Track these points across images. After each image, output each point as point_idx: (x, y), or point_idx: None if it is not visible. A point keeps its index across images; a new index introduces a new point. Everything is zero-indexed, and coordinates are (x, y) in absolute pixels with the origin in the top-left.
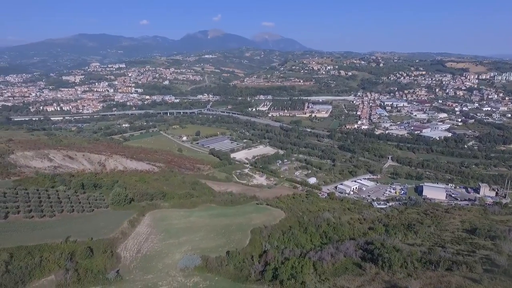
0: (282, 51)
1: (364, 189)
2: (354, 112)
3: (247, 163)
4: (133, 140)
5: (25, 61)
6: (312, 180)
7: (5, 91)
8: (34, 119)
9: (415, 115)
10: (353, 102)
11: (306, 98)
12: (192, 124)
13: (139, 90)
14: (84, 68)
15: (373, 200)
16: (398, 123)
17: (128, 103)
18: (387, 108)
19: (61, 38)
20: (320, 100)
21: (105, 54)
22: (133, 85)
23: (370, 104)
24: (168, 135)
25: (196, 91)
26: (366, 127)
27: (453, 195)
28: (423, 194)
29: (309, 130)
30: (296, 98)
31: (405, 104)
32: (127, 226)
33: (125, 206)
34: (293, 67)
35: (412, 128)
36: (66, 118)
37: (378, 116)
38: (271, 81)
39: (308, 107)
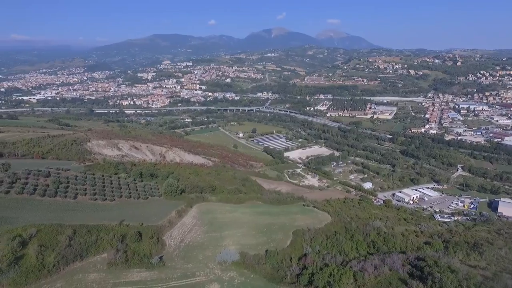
0: (347, 49)
1: (426, 199)
2: (422, 115)
3: (300, 163)
4: (194, 134)
5: (109, 59)
6: (368, 185)
7: (91, 86)
8: (111, 111)
9: (496, 121)
10: (421, 104)
11: (368, 98)
12: (249, 121)
13: (203, 87)
14: (156, 66)
15: (435, 212)
16: (474, 128)
17: (192, 99)
18: (461, 111)
19: (139, 39)
20: (384, 101)
21: (175, 52)
22: (198, 82)
23: (442, 106)
24: (226, 131)
25: (256, 89)
26: (435, 131)
27: None
28: (498, 210)
29: (369, 132)
30: (358, 98)
31: (485, 107)
32: (174, 215)
33: (176, 197)
34: (357, 66)
35: (491, 135)
36: (137, 111)
37: (450, 120)
38: (333, 80)
39: (370, 107)
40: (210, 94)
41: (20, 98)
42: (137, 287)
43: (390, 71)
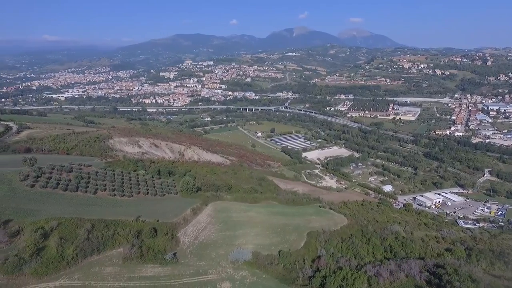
0: (370, 48)
1: (450, 204)
2: (448, 116)
3: (318, 164)
4: (213, 133)
5: (133, 59)
6: (388, 188)
7: (115, 85)
8: (134, 109)
9: None
10: (447, 105)
11: (391, 98)
12: (268, 120)
13: (223, 86)
14: (178, 65)
15: (458, 217)
16: (504, 131)
17: (212, 98)
18: (491, 113)
19: (162, 39)
20: (408, 102)
21: (197, 52)
22: (218, 81)
23: (469, 107)
24: (245, 130)
25: (276, 89)
26: (461, 134)
27: None
28: None
29: (390, 133)
30: (380, 98)
31: None
32: (189, 213)
33: (192, 195)
34: (380, 65)
35: None
36: (159, 110)
37: (478, 122)
38: (354, 79)
39: (392, 108)
40: (230, 93)
41: (50, 96)
42: (151, 282)
43: (415, 71)
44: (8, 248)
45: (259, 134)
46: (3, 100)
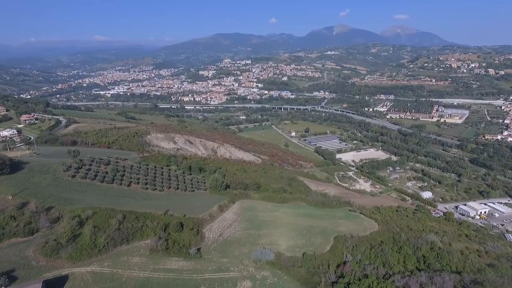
0: (415, 47)
1: (497, 215)
2: (500, 120)
3: (353, 166)
4: (247, 131)
5: (175, 57)
6: (427, 195)
7: (157, 83)
8: (173, 107)
9: None
10: (501, 107)
11: (436, 100)
12: (303, 120)
13: (260, 85)
14: (217, 64)
15: (507, 231)
16: None
17: (248, 97)
18: None
19: (202, 38)
20: (455, 103)
21: (236, 51)
22: (255, 80)
23: None
24: (278, 130)
25: (313, 88)
26: None
27: None
28: None
29: (433, 136)
30: (424, 99)
31: None
32: (216, 210)
33: (220, 192)
34: (425, 64)
35: None
36: (196, 107)
37: None
38: (396, 79)
39: (437, 110)
40: (266, 92)
41: (98, 92)
42: (174, 275)
43: (464, 70)
44: (49, 232)
45: (293, 134)
46: (58, 96)
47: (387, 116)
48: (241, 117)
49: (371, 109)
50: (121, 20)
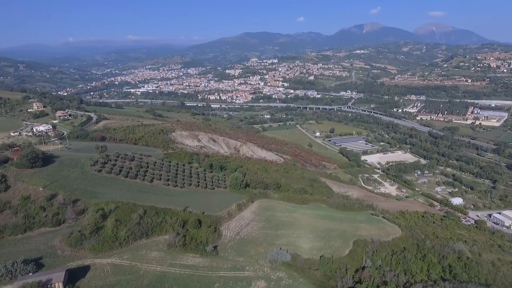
0: (451, 45)
1: None
2: None
3: (379, 168)
4: (270, 130)
5: (203, 56)
6: (457, 201)
7: (184, 81)
8: (199, 105)
9: None
10: None
11: (471, 101)
12: (328, 120)
13: (285, 84)
14: (244, 62)
15: None
16: None
17: (273, 96)
18: None
19: (230, 37)
20: (492, 105)
21: (263, 50)
22: (281, 79)
23: None
24: (303, 129)
25: (340, 87)
26: None
27: None
28: None
29: (467, 140)
30: (458, 100)
31: None
32: (234, 208)
33: (240, 190)
34: (461, 64)
35: None
36: (222, 106)
37: None
38: (428, 79)
39: (472, 112)
40: (291, 91)
41: (128, 90)
42: (190, 271)
43: (505, 70)
44: (74, 224)
45: (317, 134)
46: (91, 93)
47: (417, 118)
48: (265, 116)
49: (400, 110)
50: (152, 20)
